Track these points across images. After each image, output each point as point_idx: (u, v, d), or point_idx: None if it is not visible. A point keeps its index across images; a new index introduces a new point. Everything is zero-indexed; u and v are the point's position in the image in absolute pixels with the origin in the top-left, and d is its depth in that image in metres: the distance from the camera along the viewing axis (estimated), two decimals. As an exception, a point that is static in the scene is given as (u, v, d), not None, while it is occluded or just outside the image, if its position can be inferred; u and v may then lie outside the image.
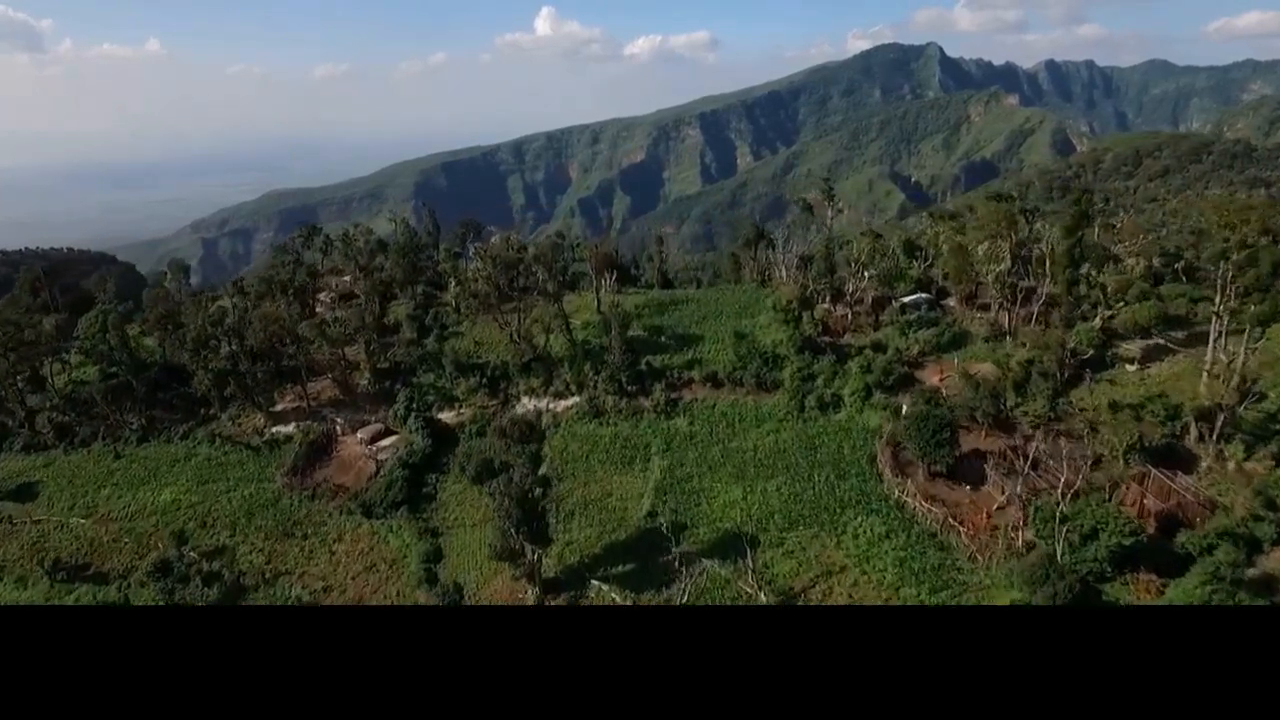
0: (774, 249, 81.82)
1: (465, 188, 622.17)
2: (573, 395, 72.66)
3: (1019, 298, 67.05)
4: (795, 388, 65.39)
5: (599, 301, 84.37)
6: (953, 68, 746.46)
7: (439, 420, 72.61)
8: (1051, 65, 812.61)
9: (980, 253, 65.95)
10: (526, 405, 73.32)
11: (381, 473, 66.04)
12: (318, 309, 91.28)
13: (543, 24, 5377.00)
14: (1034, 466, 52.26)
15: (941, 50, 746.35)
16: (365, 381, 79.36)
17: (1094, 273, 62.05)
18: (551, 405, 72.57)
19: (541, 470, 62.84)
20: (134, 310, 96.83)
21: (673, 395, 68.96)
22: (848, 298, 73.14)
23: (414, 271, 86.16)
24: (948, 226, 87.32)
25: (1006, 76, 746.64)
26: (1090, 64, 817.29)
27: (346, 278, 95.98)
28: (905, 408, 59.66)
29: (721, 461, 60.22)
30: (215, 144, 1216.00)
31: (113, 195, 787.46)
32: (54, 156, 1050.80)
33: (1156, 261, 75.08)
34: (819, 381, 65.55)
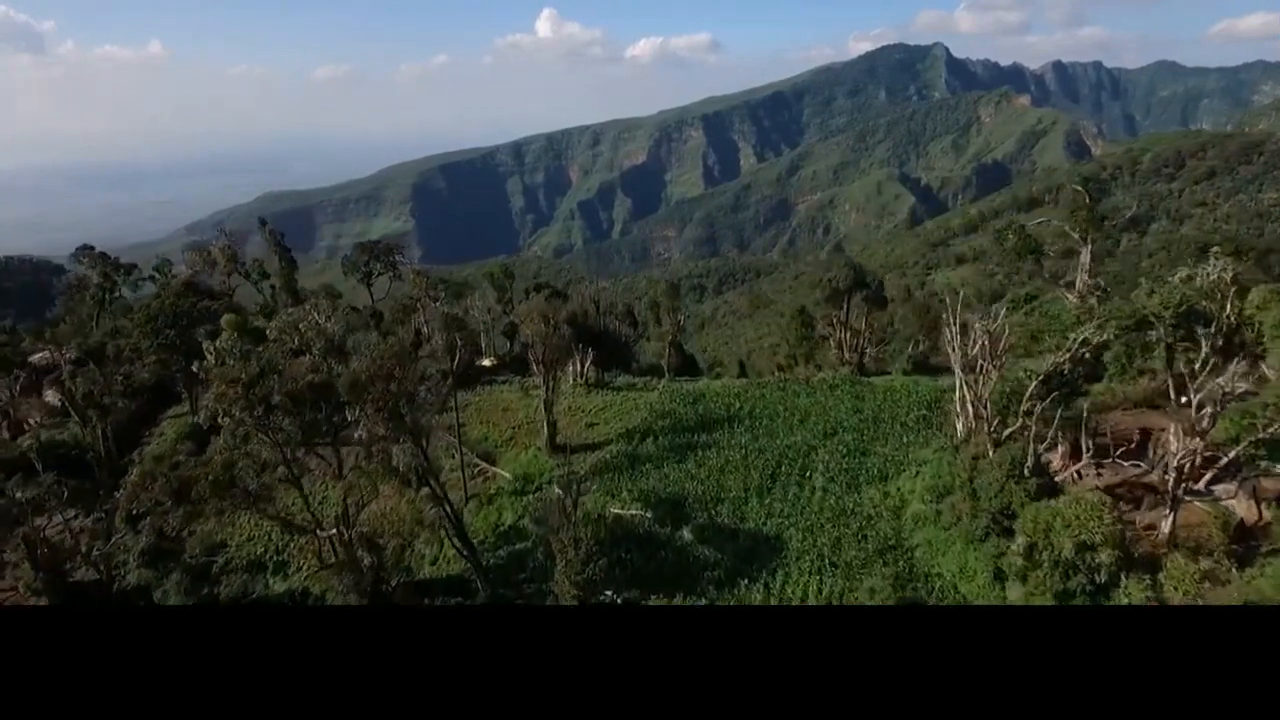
0: (956, 336, 32.39)
1: (464, 190, 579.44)
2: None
3: None
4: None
5: (551, 428, 38.96)
6: (959, 69, 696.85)
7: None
8: (1059, 66, 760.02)
9: None
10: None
11: None
12: (31, 422, 46.16)
13: (544, 26, 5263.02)
14: None
15: (948, 51, 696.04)
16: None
17: None
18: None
19: None
20: None
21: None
22: (1161, 481, 27.23)
23: (169, 355, 40.48)
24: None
25: (1013, 78, 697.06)
26: (1098, 65, 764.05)
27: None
28: None
29: None
30: (216, 145, 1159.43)
31: (114, 196, 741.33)
32: (56, 158, 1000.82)
33: None
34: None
